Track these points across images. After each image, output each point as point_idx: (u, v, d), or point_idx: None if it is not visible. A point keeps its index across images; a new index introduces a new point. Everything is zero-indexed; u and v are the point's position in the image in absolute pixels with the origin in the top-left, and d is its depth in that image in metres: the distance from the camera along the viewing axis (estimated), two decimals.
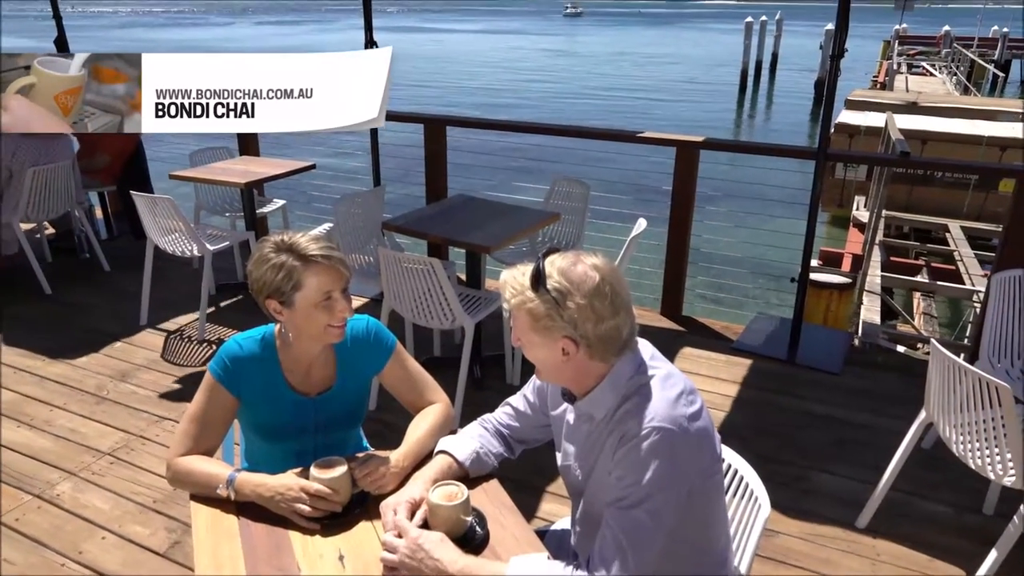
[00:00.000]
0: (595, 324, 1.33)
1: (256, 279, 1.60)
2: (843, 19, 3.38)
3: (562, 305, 1.33)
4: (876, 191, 8.11)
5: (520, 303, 1.37)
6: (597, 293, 1.33)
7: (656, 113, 25.53)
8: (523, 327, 1.39)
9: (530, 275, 1.36)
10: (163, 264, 4.33)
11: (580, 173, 4.46)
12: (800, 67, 38.40)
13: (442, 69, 39.76)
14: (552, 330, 1.35)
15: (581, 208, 4.11)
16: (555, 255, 1.38)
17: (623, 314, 1.36)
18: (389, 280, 3.25)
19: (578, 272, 1.34)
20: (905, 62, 26.67)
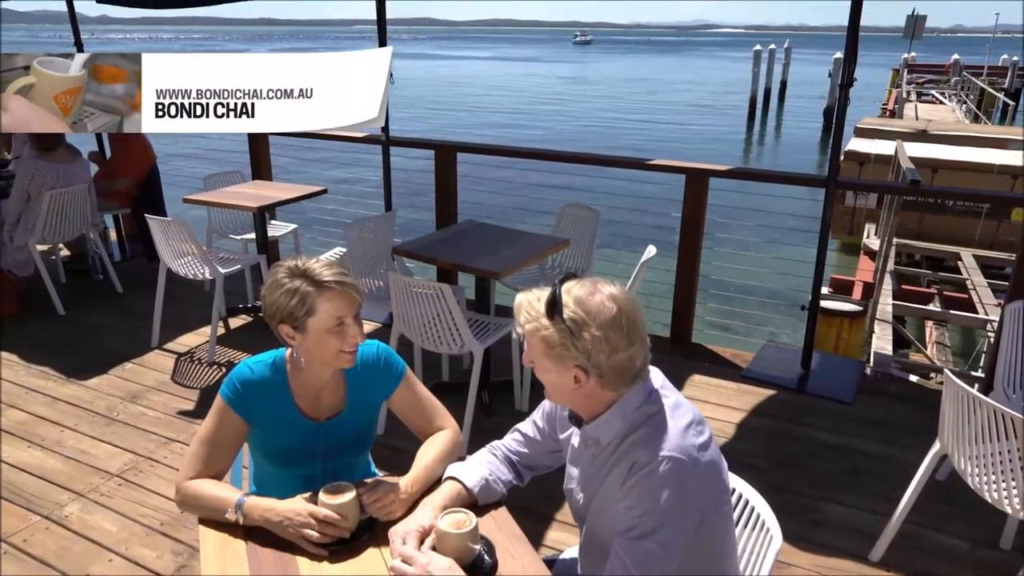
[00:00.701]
0: (609, 355, 1.33)
1: (269, 304, 1.61)
2: (852, 48, 3.41)
3: (577, 335, 1.32)
4: (887, 219, 8.09)
5: (535, 329, 1.37)
6: (613, 325, 1.32)
7: (666, 139, 25.65)
8: (536, 352, 1.39)
9: (546, 302, 1.35)
10: (175, 286, 4.36)
11: (590, 199, 4.47)
12: (809, 95, 38.57)
13: (454, 94, 40.18)
14: (565, 359, 1.35)
15: (590, 234, 4.12)
16: (572, 282, 1.38)
17: (638, 345, 1.36)
18: (399, 305, 3.26)
19: (595, 302, 1.33)
20: (914, 90, 26.73)
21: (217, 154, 6.78)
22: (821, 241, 3.76)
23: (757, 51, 34.55)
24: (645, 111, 34.84)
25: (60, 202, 4.69)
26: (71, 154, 4.85)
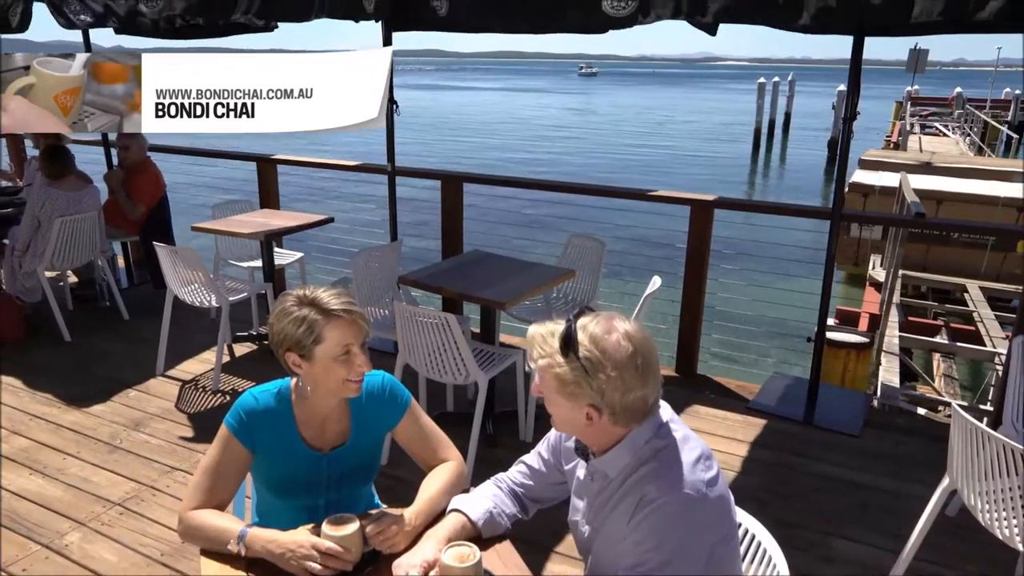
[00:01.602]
0: (623, 395, 1.32)
1: (277, 332, 1.61)
2: (855, 82, 3.44)
3: (591, 375, 1.31)
4: (892, 250, 8.10)
5: (548, 366, 1.35)
6: (628, 365, 1.31)
7: (670, 170, 25.81)
8: (549, 388, 1.37)
9: (560, 338, 1.33)
10: (181, 313, 4.37)
11: (595, 230, 4.49)
12: (813, 127, 38.82)
13: (462, 124, 40.57)
14: (578, 397, 1.34)
15: (596, 265, 4.13)
16: (588, 318, 1.36)
17: (652, 384, 1.35)
18: (404, 334, 3.26)
19: (611, 341, 1.32)
20: (918, 122, 26.89)
21: (226, 183, 6.85)
22: (826, 272, 3.76)
23: (761, 84, 34.87)
24: (652, 141, 35.12)
25: (70, 229, 4.73)
26: (82, 182, 4.91)
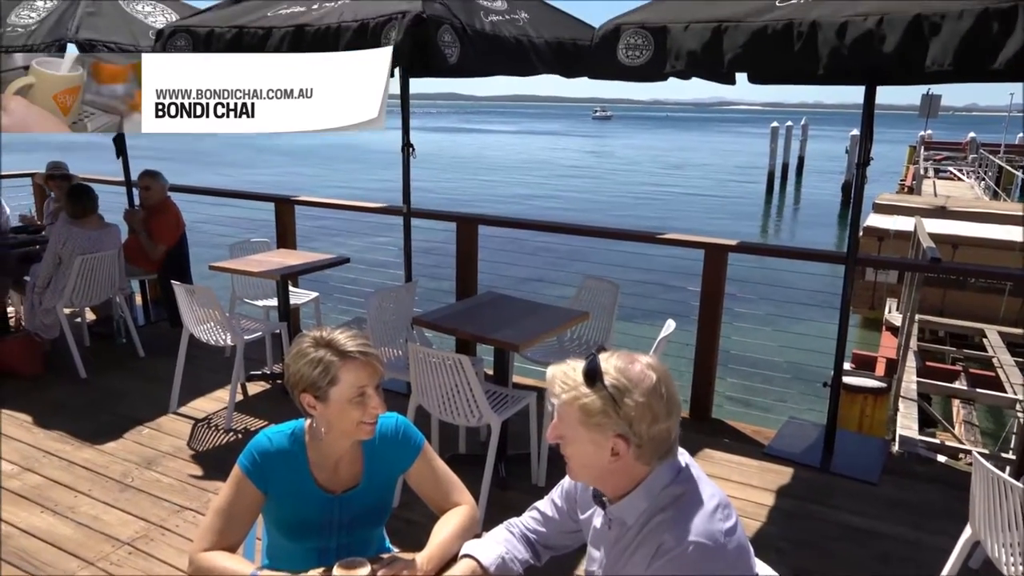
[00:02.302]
0: (650, 424, 1.32)
1: (293, 373, 1.62)
2: (868, 128, 3.47)
3: (619, 402, 1.31)
4: (908, 295, 8.04)
5: (573, 398, 1.34)
6: (654, 393, 1.32)
7: (685, 212, 25.92)
8: (572, 423, 1.36)
9: (583, 370, 1.34)
10: (196, 351, 4.40)
11: (609, 272, 4.50)
12: (826, 170, 38.97)
13: (479, 166, 41.05)
14: (605, 427, 1.33)
15: (610, 307, 4.13)
16: (607, 353, 1.38)
17: (675, 416, 1.36)
18: (417, 375, 3.26)
19: (635, 371, 1.33)
20: (932, 166, 26.92)
21: (244, 222, 6.95)
22: (842, 317, 3.74)
23: (774, 128, 35.16)
24: (669, 182, 35.38)
25: (90, 266, 4.81)
26: (103, 222, 5.00)
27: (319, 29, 3.38)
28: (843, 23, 2.54)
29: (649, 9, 3.00)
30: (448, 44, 3.25)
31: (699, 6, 2.86)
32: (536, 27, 3.86)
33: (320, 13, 3.48)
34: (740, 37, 2.71)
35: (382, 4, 3.34)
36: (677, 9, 2.91)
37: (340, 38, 3.32)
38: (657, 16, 2.91)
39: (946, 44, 2.39)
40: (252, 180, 30.87)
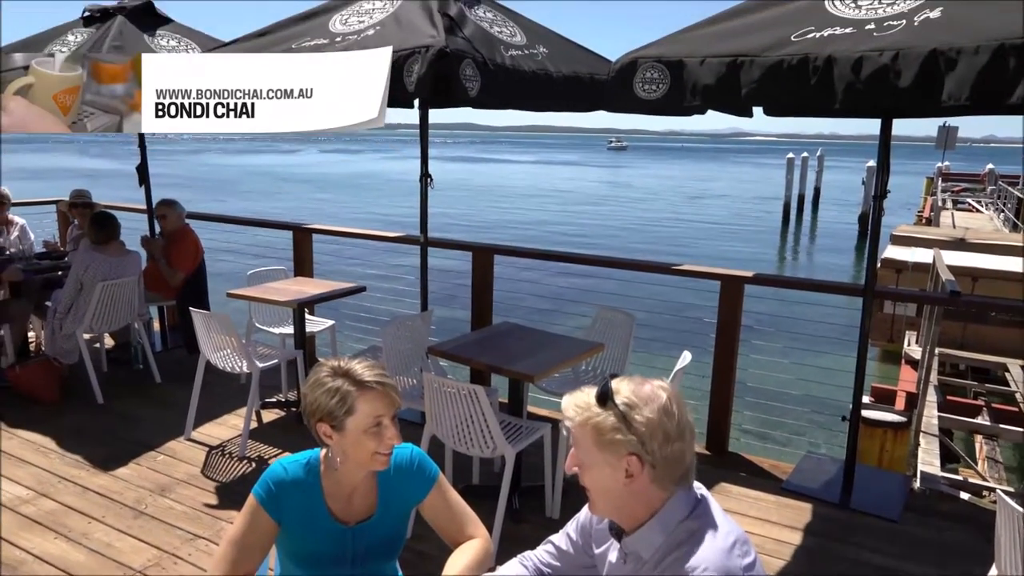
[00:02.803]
0: (662, 443, 1.33)
1: (310, 402, 1.63)
2: (884, 160, 3.46)
3: (630, 419, 1.33)
4: (928, 328, 7.95)
5: (586, 419, 1.36)
6: (666, 411, 1.34)
7: (700, 243, 25.87)
8: (587, 445, 1.37)
9: (596, 393, 1.37)
10: (212, 377, 4.42)
11: (624, 302, 4.49)
12: (843, 201, 38.86)
13: (497, 196, 41.33)
14: (618, 445, 1.33)
15: (625, 339, 4.12)
16: (620, 378, 1.41)
17: (688, 438, 1.37)
18: (432, 405, 3.26)
19: (646, 390, 1.36)
20: (950, 198, 26.76)
21: (263, 249, 7.02)
22: (860, 350, 3.70)
23: (790, 159, 35.18)
24: (686, 212, 35.43)
25: (110, 293, 4.87)
26: (124, 248, 5.07)
27: None
28: (858, 58, 2.55)
29: (665, 43, 3.03)
30: (469, 78, 3.30)
31: (715, 40, 2.89)
32: (555, 61, 3.91)
33: (344, 45, 3.54)
34: (756, 71, 2.73)
35: (406, 37, 3.40)
36: (693, 43, 2.94)
37: None
38: (673, 50, 2.94)
39: (962, 79, 2.39)
40: (273, 206, 31.30)
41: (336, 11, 3.83)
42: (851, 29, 2.67)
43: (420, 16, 3.51)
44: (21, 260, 5.56)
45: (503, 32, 3.85)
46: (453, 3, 3.68)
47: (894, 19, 2.64)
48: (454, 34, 3.40)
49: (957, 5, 2.55)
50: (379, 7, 3.72)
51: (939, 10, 2.56)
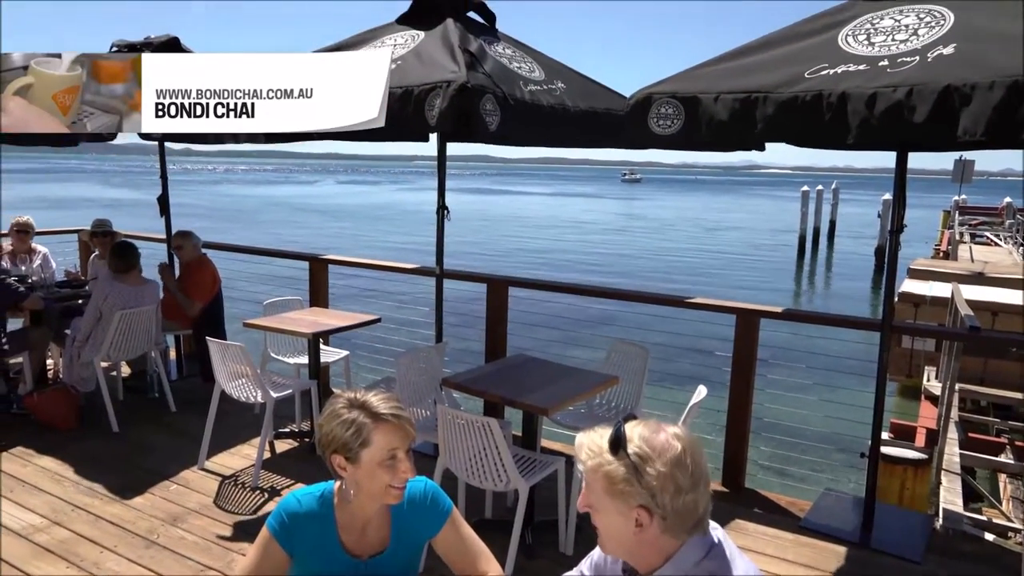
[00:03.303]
0: (673, 496, 1.30)
1: (325, 434, 1.63)
2: (900, 194, 3.45)
3: (641, 471, 1.30)
4: (947, 364, 7.83)
5: (597, 465, 1.34)
6: (679, 463, 1.31)
7: (715, 274, 25.79)
8: (598, 491, 1.35)
9: (609, 438, 1.34)
10: (226, 407, 4.43)
11: (639, 335, 4.47)
12: (858, 234, 38.66)
13: (513, 227, 41.53)
14: (628, 496, 1.32)
15: (640, 371, 4.09)
16: (635, 421, 1.38)
17: (703, 488, 1.34)
18: (445, 437, 3.24)
19: (660, 440, 1.33)
20: (968, 231, 26.53)
21: (279, 279, 7.09)
22: (879, 385, 3.66)
23: (805, 191, 35.15)
24: (702, 245, 35.40)
25: (128, 322, 4.92)
26: (143, 278, 5.14)
27: None
28: (872, 94, 2.57)
29: (679, 79, 3.07)
30: (490, 112, 3.33)
31: (728, 77, 2.92)
32: (572, 96, 3.96)
33: None
34: (770, 107, 2.75)
35: (428, 71, 3.45)
36: (707, 79, 2.97)
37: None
38: (687, 86, 2.97)
39: (977, 114, 2.40)
40: (292, 235, 31.62)
41: (359, 47, 3.90)
42: (864, 66, 2.69)
43: (441, 52, 3.57)
44: (42, 288, 5.64)
45: (522, 67, 3.91)
46: (473, 39, 3.74)
47: (907, 56, 2.66)
48: (475, 69, 3.44)
49: (970, 43, 2.57)
50: (401, 43, 3.79)
51: (952, 47, 2.58)
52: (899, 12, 2.88)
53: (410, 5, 4.00)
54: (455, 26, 3.74)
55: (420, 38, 3.78)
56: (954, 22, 2.69)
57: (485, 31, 4.06)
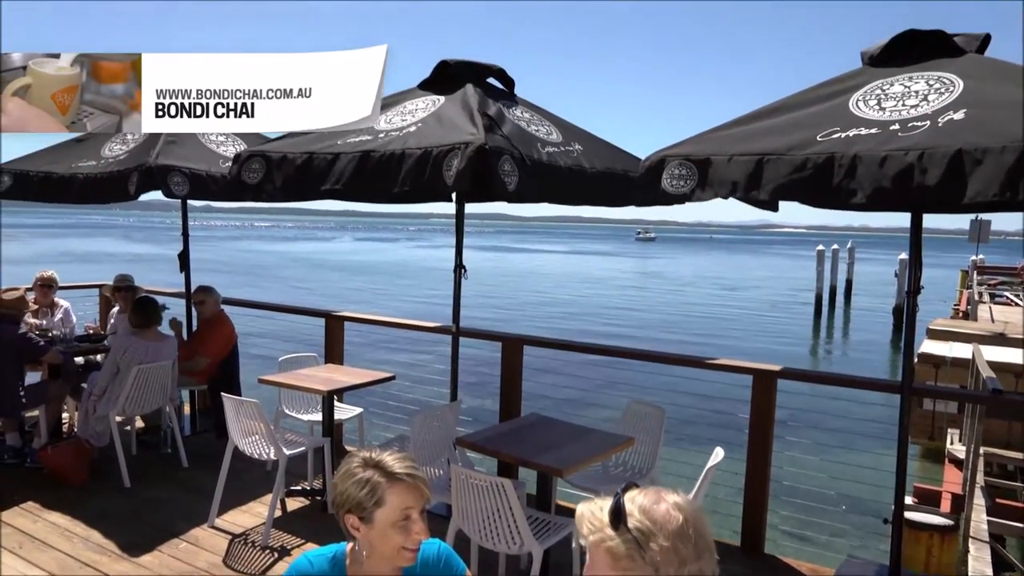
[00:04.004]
0: (678, 568, 1.28)
1: (340, 493, 1.63)
2: (916, 255, 3.45)
3: (644, 546, 1.28)
4: (971, 426, 7.66)
5: (599, 540, 1.32)
6: (681, 535, 1.29)
7: (731, 332, 25.60)
8: (601, 566, 1.33)
9: (609, 511, 1.32)
10: (238, 463, 4.41)
11: (654, 395, 4.43)
12: (876, 293, 38.40)
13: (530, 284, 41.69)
14: (632, 571, 1.30)
15: (656, 432, 4.04)
16: (635, 491, 1.36)
17: (707, 557, 1.31)
18: (459, 498, 3.20)
19: (661, 511, 1.31)
20: (987, 291, 26.27)
21: (295, 335, 7.14)
22: (900, 448, 3.58)
23: (820, 251, 35.12)
24: (720, 303, 35.30)
25: (145, 376, 4.95)
26: (161, 333, 5.19)
27: (383, 155, 3.56)
28: (884, 157, 2.60)
29: (692, 143, 3.12)
30: (508, 173, 3.40)
31: (741, 141, 2.97)
32: (589, 157, 4.04)
33: (387, 140, 3.68)
34: (782, 168, 2.78)
35: (446, 133, 3.54)
36: (719, 143, 3.03)
37: (403, 164, 3.50)
38: (701, 149, 3.02)
39: (989, 178, 2.42)
40: (309, 289, 31.89)
41: (382, 110, 4.01)
42: (876, 129, 2.74)
43: (460, 115, 3.67)
44: (62, 343, 5.71)
45: (540, 130, 4.00)
46: (492, 103, 3.84)
47: (918, 120, 2.70)
48: (493, 132, 3.53)
49: (980, 108, 2.62)
50: (422, 107, 3.91)
51: (963, 112, 2.62)
52: (908, 79, 2.94)
53: (432, 71, 4.13)
54: (475, 91, 3.86)
55: (440, 102, 3.89)
56: (963, 89, 2.75)
57: (504, 96, 4.18)
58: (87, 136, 5.38)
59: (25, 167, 5.11)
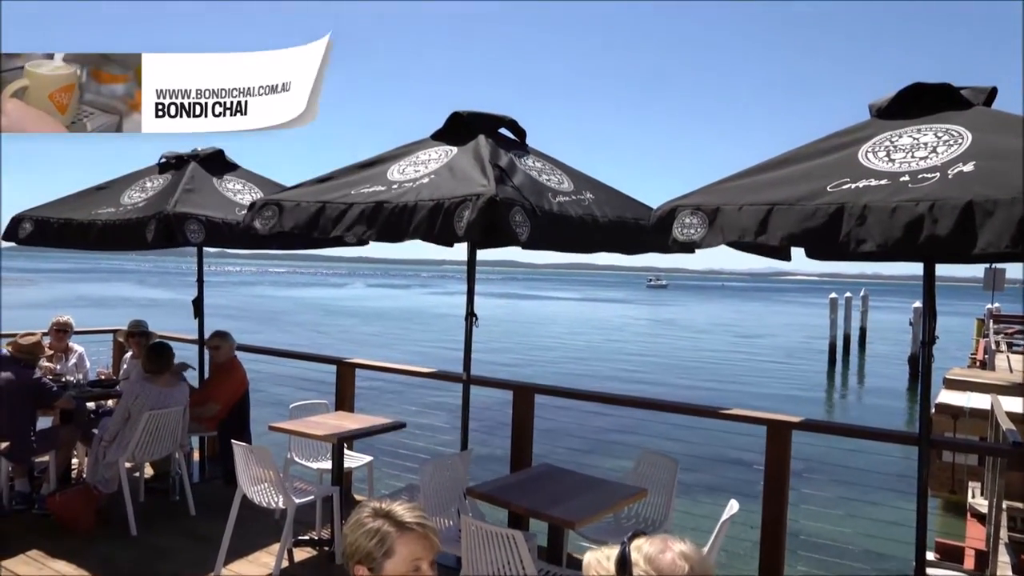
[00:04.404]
0: None
1: (350, 543, 1.61)
2: (930, 305, 3.43)
3: None
4: (992, 480, 7.49)
5: None
6: None
7: (744, 380, 25.33)
8: None
9: (615, 560, 1.32)
10: (246, 511, 4.37)
11: (667, 445, 4.37)
12: (891, 341, 38.02)
13: (543, 327, 41.64)
14: None
15: (669, 483, 3.98)
16: (642, 540, 1.35)
17: None
18: (469, 549, 3.15)
19: (666, 560, 1.30)
20: (1004, 340, 25.92)
21: (307, 382, 7.13)
22: (920, 502, 3.50)
23: (833, 299, 34.94)
24: (729, 351, 35.04)
25: (156, 423, 4.94)
26: (175, 379, 5.21)
27: (396, 206, 3.62)
28: (894, 207, 2.61)
29: (701, 193, 3.15)
30: (519, 223, 3.43)
31: (750, 192, 3.00)
32: (600, 206, 4.07)
33: (400, 191, 3.74)
34: (792, 216, 2.80)
35: (458, 185, 3.59)
36: (729, 193, 3.05)
37: (415, 215, 3.55)
38: (711, 199, 3.05)
39: (1001, 228, 2.42)
40: (321, 335, 31.96)
41: (395, 161, 4.09)
42: (886, 181, 2.76)
43: (472, 166, 3.72)
44: (75, 388, 5.74)
45: (551, 180, 4.05)
46: (504, 154, 3.90)
47: (928, 172, 2.72)
48: (504, 183, 3.58)
49: (990, 160, 2.63)
50: (434, 157, 3.97)
51: (972, 164, 2.64)
52: (917, 131, 2.97)
53: (445, 122, 4.22)
54: (487, 142, 3.93)
55: (453, 153, 3.96)
56: (971, 141, 2.77)
57: (515, 146, 4.24)
58: (108, 184, 5.50)
59: (46, 214, 5.21)
